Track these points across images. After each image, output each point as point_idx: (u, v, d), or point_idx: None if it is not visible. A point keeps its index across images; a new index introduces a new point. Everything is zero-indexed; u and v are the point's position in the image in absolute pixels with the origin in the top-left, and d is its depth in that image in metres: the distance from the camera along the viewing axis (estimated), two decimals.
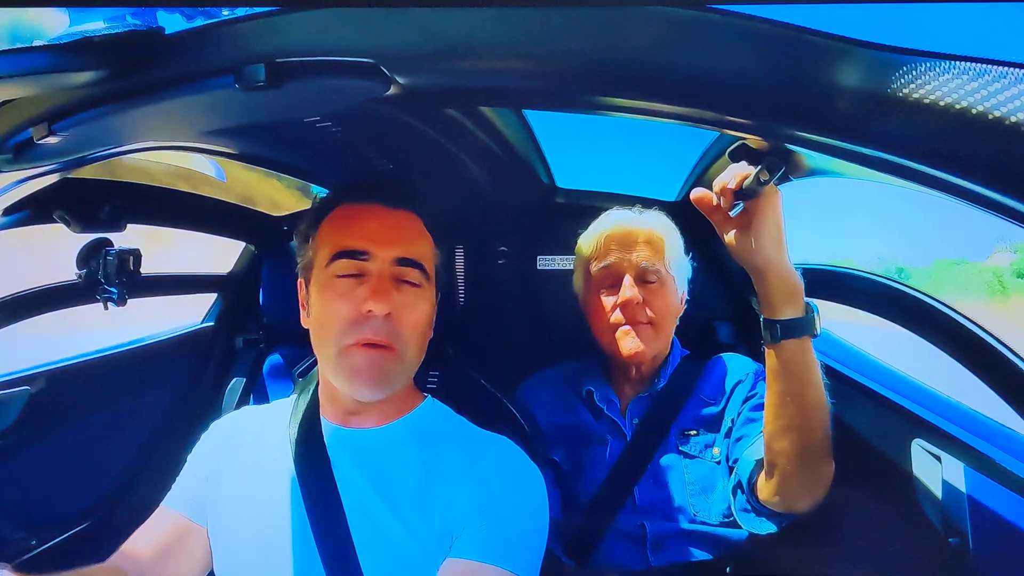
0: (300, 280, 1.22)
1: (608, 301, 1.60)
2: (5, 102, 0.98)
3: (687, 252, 1.68)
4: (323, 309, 1.13)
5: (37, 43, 0.81)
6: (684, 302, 1.67)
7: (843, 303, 1.74)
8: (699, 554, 1.50)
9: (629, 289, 1.56)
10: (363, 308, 1.08)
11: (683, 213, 1.69)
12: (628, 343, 1.57)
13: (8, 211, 1.30)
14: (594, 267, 1.63)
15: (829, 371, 1.24)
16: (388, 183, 1.21)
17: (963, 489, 1.31)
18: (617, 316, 1.57)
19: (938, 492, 1.37)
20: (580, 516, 1.56)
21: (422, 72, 0.85)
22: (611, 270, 1.60)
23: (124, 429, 1.98)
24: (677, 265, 1.63)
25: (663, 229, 1.63)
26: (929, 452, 1.42)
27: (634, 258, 1.59)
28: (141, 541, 1.18)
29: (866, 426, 1.60)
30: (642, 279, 1.58)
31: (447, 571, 1.06)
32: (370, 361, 1.09)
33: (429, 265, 1.17)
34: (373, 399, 1.14)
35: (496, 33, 0.77)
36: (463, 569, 1.05)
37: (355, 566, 1.07)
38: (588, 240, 1.67)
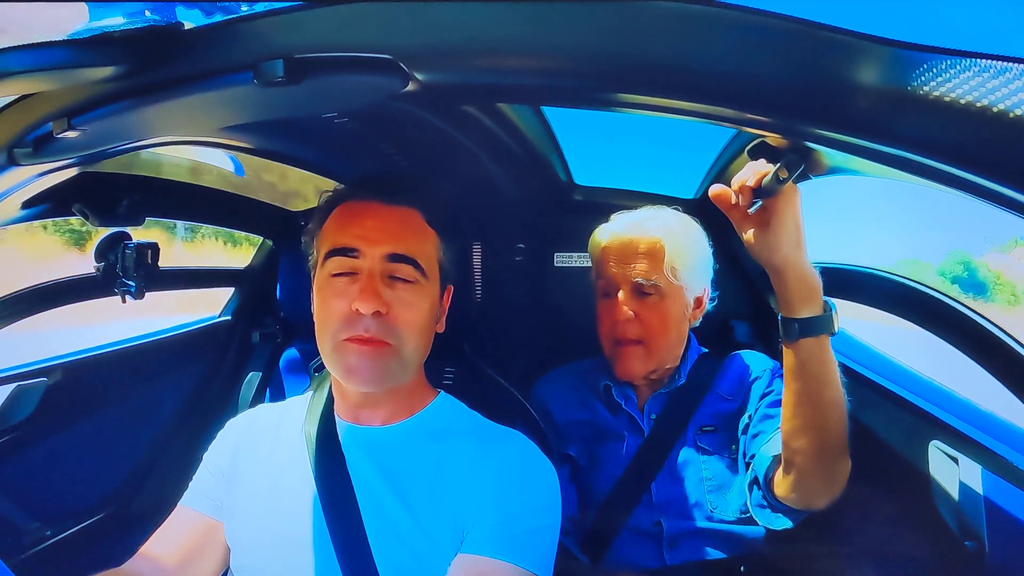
0: (312, 277, 1.23)
1: (606, 314, 1.61)
2: (25, 97, 0.99)
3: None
4: (320, 306, 1.15)
5: (56, 38, 0.82)
6: (708, 301, 1.66)
7: (861, 302, 1.73)
8: (715, 553, 1.50)
9: (623, 305, 1.58)
10: (352, 307, 1.10)
11: (701, 211, 1.68)
12: (619, 367, 1.60)
13: (27, 204, 1.31)
14: (595, 278, 1.66)
15: (846, 370, 1.24)
16: (386, 180, 1.21)
17: (980, 492, 1.30)
18: (612, 331, 1.60)
19: (955, 495, 1.36)
20: (596, 512, 1.56)
21: (440, 68, 0.85)
22: (608, 284, 1.62)
23: (140, 422, 1.99)
24: (687, 270, 1.60)
25: (669, 235, 1.60)
26: (946, 454, 1.41)
27: (629, 272, 1.58)
28: (161, 542, 1.18)
29: (883, 427, 1.59)
30: (639, 291, 1.58)
31: (458, 567, 1.06)
32: (363, 357, 1.10)
33: (427, 260, 1.17)
34: (371, 391, 1.15)
35: (515, 29, 0.76)
36: (474, 565, 1.05)
37: (369, 562, 1.07)
38: (593, 245, 1.69)
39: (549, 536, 1.13)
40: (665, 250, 1.58)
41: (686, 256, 1.60)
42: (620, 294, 1.58)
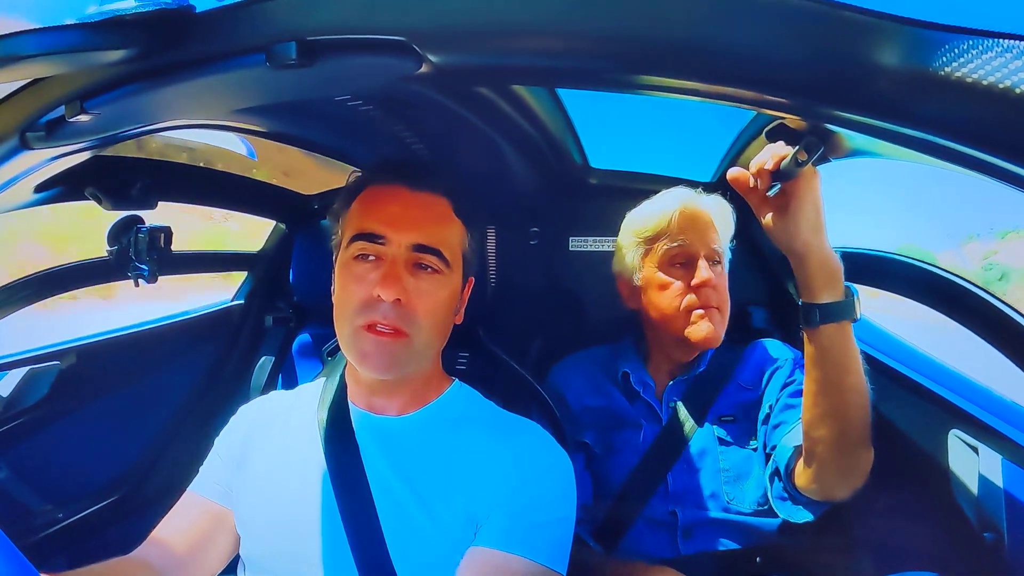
0: (334, 258, 1.23)
1: (678, 284, 1.56)
2: (37, 80, 0.98)
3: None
4: (340, 289, 1.15)
5: (68, 21, 0.81)
6: None
7: (883, 288, 1.71)
8: (730, 543, 1.49)
9: (706, 270, 1.54)
10: (373, 293, 1.09)
11: (719, 194, 1.67)
12: (703, 328, 1.54)
13: (40, 188, 1.30)
14: (664, 245, 1.59)
15: (866, 358, 1.22)
16: (414, 165, 1.21)
17: (1000, 483, 1.28)
18: (690, 299, 1.54)
19: (974, 485, 1.35)
20: (611, 501, 1.56)
21: (454, 50, 0.84)
22: (685, 250, 1.57)
23: (153, 405, 2.00)
24: (727, 251, 1.63)
25: (723, 215, 1.61)
26: (966, 444, 1.40)
27: (708, 240, 1.57)
28: (170, 529, 1.18)
29: (902, 416, 1.58)
30: (712, 261, 1.57)
31: (471, 560, 1.05)
32: (378, 345, 1.10)
33: (451, 250, 1.16)
34: (384, 379, 1.15)
35: (529, 10, 0.75)
36: (487, 558, 1.05)
37: (382, 550, 1.07)
38: (654, 216, 1.62)
39: (564, 529, 1.12)
40: (722, 226, 1.60)
41: (729, 237, 1.63)
42: (702, 262, 1.55)
